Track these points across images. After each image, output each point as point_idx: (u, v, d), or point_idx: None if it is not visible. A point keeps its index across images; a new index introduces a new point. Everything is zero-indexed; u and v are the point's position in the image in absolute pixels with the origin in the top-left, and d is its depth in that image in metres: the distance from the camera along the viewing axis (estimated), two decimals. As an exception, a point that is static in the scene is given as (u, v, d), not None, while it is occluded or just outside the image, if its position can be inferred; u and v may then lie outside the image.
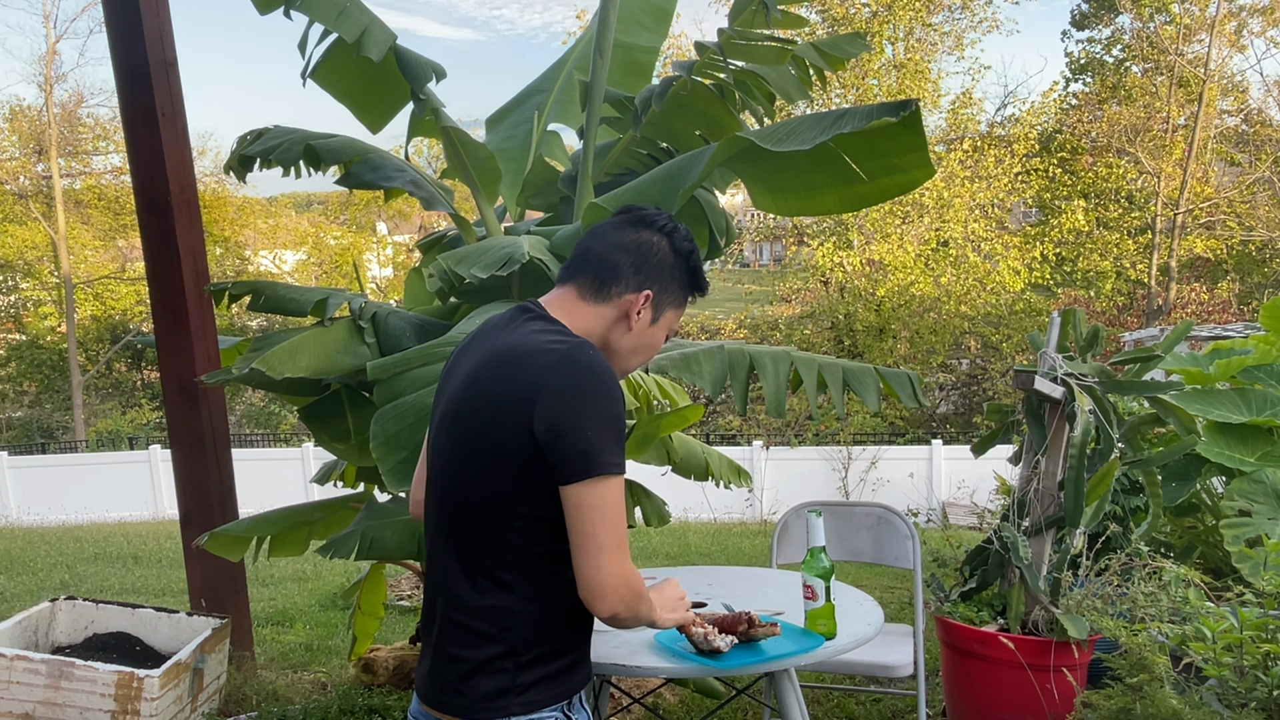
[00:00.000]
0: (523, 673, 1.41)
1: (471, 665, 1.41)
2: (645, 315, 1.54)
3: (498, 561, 1.40)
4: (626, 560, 1.36)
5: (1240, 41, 20.83)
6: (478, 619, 1.42)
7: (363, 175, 3.18)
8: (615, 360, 1.55)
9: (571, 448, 1.33)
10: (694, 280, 1.61)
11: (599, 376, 1.38)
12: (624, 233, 1.56)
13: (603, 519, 1.34)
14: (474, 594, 1.42)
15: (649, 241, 1.56)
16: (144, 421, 22.14)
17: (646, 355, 1.59)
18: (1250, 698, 2.48)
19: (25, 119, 24.22)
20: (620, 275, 1.52)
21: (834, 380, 3.16)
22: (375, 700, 3.59)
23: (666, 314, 1.58)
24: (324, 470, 3.61)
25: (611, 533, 1.34)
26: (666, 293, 1.57)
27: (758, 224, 23.31)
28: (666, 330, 1.59)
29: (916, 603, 3.20)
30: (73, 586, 6.44)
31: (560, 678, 1.46)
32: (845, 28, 19.35)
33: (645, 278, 1.54)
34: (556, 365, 1.37)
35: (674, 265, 1.57)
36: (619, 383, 1.41)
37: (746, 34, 2.95)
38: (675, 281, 1.58)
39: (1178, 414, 3.48)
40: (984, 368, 20.48)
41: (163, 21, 3.72)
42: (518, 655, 1.41)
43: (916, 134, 2.31)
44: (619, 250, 1.54)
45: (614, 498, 1.35)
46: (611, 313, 1.53)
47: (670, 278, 1.57)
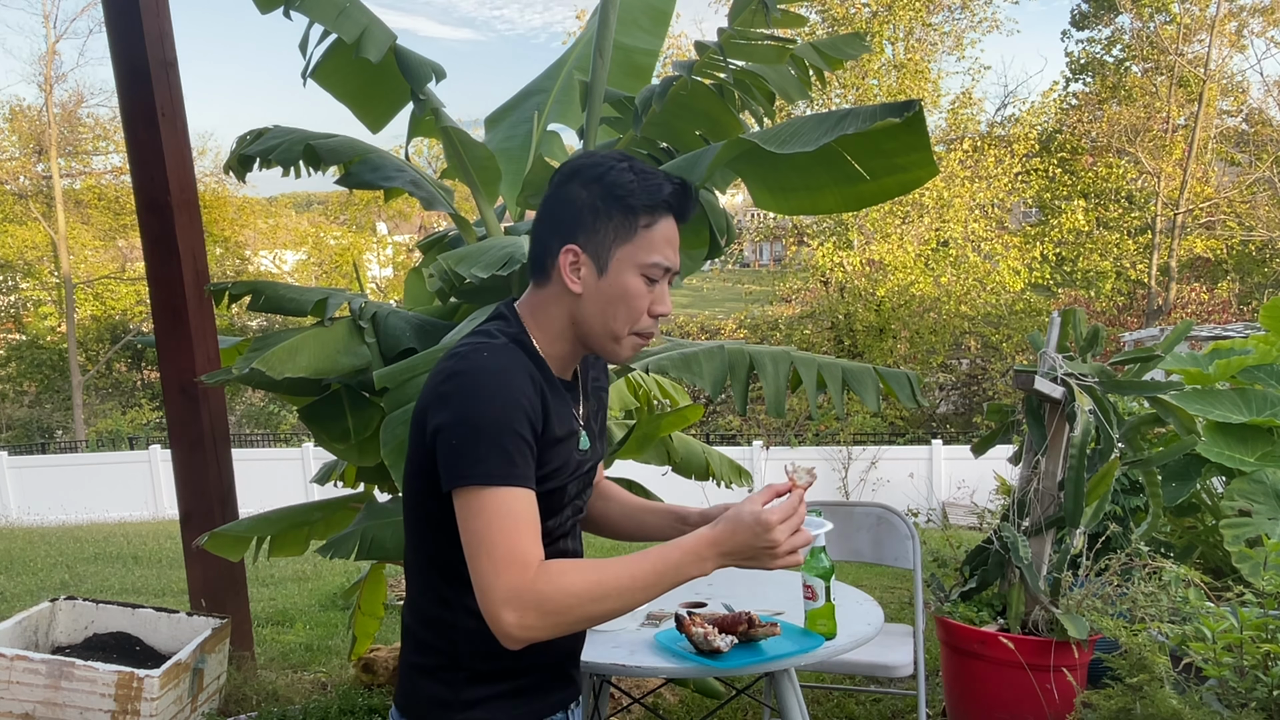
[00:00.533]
0: (464, 688, 1.34)
1: (417, 670, 1.37)
2: (584, 271, 1.34)
3: (434, 570, 1.35)
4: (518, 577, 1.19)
5: (1240, 41, 20.84)
6: (421, 625, 1.38)
7: (363, 175, 3.17)
8: (593, 331, 1.36)
9: (444, 456, 1.24)
10: (627, 200, 1.33)
11: (474, 380, 1.26)
12: (543, 202, 1.40)
13: (480, 531, 1.21)
14: (419, 598, 1.38)
15: (558, 194, 1.36)
16: (144, 421, 22.14)
17: (630, 311, 1.35)
18: (1250, 698, 2.48)
19: (25, 119, 24.23)
20: (545, 244, 1.36)
21: (834, 380, 3.16)
22: (375, 700, 3.59)
23: (616, 254, 1.33)
24: (324, 470, 3.61)
25: (490, 547, 1.20)
26: (599, 233, 1.33)
27: (758, 224, 23.32)
28: (636, 271, 1.34)
29: (916, 603, 3.20)
30: (73, 586, 6.44)
31: (514, 700, 1.37)
32: (845, 28, 19.35)
33: (565, 233, 1.34)
34: (441, 370, 1.29)
35: (591, 201, 1.33)
36: (514, 382, 1.27)
37: (746, 34, 2.95)
38: (603, 216, 1.33)
39: (1178, 414, 3.48)
40: (984, 368, 20.48)
41: (163, 21, 3.72)
42: (457, 669, 1.34)
43: (920, 134, 2.31)
44: (539, 220, 1.39)
45: (476, 512, 1.21)
46: (559, 289, 1.35)
47: (593, 215, 1.33)
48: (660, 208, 1.35)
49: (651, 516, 1.64)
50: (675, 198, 1.36)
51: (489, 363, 1.28)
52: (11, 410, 24.43)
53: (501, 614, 1.19)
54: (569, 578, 1.21)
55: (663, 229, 1.35)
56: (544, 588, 1.20)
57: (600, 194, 1.34)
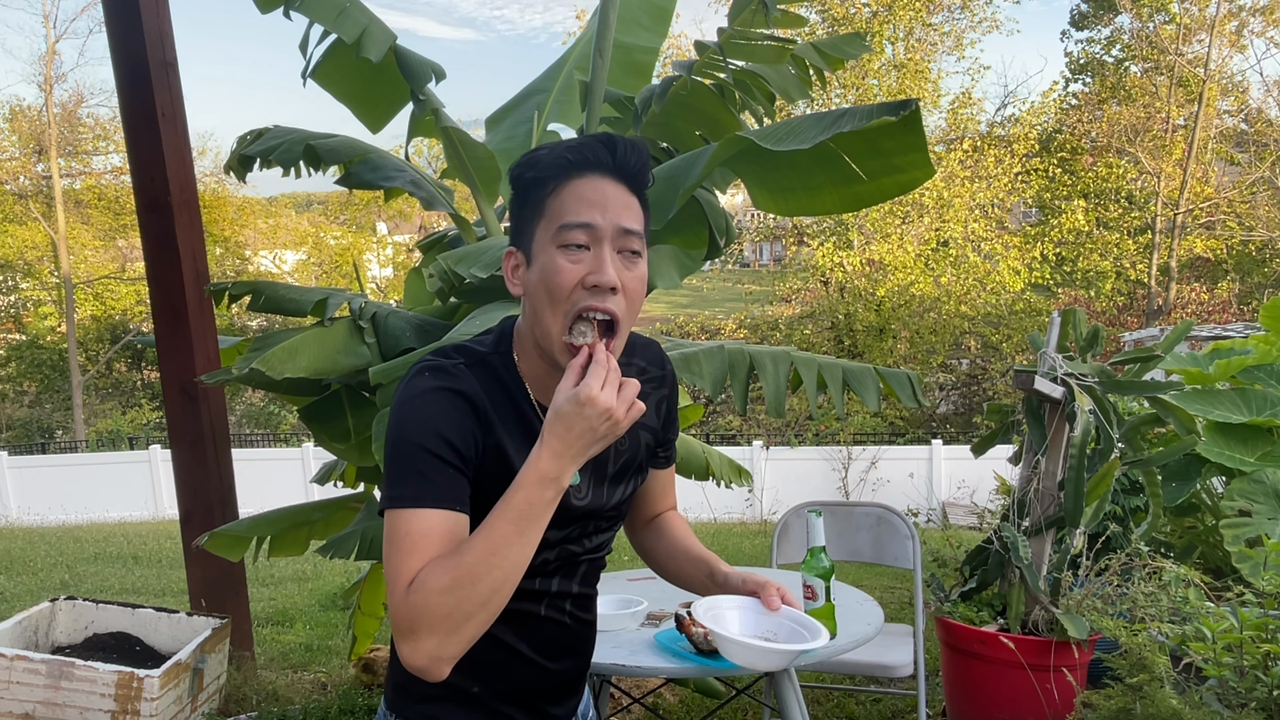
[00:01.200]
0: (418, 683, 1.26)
1: (393, 655, 1.35)
2: (520, 270, 1.24)
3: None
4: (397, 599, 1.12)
5: (1240, 41, 20.84)
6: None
7: (363, 175, 3.18)
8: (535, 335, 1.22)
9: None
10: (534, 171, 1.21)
11: (402, 403, 1.19)
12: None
13: (386, 557, 1.14)
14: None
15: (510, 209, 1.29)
16: (144, 421, 22.15)
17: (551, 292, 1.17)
18: (1250, 698, 2.48)
19: (25, 119, 24.24)
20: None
21: (834, 380, 3.16)
22: (375, 700, 3.59)
23: (537, 235, 1.20)
24: (324, 470, 3.61)
25: (387, 575, 1.13)
26: (523, 224, 1.23)
27: (758, 224, 23.31)
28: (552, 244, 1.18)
29: (916, 603, 3.20)
30: (73, 586, 6.44)
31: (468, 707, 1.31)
32: (845, 28, 19.36)
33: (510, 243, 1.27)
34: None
35: (517, 194, 1.24)
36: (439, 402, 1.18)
37: (746, 34, 2.95)
38: (522, 204, 1.23)
39: (1178, 414, 3.48)
40: (984, 368, 20.48)
41: (163, 21, 3.72)
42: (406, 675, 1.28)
43: (916, 134, 2.31)
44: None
45: (391, 533, 1.14)
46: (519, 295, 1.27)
47: (519, 207, 1.24)
48: (564, 167, 1.19)
49: (688, 566, 1.50)
50: (576, 152, 1.19)
51: (420, 384, 1.19)
52: (11, 410, 24.44)
53: (399, 646, 1.11)
54: (432, 578, 1.10)
55: (575, 188, 1.18)
56: (416, 600, 1.09)
57: (518, 184, 1.23)
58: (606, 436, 1.13)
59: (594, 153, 1.19)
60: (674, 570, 1.53)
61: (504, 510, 1.13)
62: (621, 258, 1.19)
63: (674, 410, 1.47)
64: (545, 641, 1.33)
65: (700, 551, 1.52)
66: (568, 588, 1.35)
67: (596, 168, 1.20)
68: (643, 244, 1.23)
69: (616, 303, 1.18)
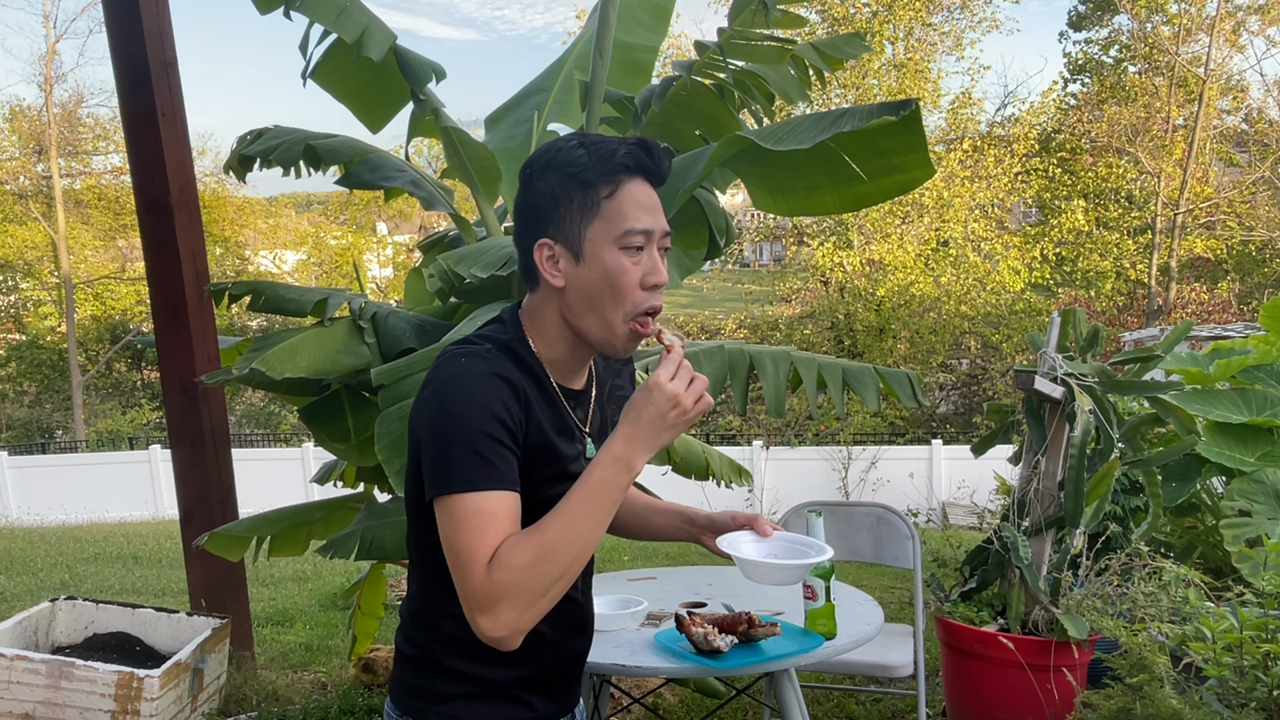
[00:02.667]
0: (440, 683, 1.34)
1: (403, 658, 1.39)
2: (562, 263, 1.29)
3: (427, 572, 1.35)
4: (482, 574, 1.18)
5: (1239, 41, 20.83)
6: (410, 619, 1.39)
7: (363, 175, 3.18)
8: (585, 324, 1.30)
9: (425, 465, 1.24)
10: (577, 171, 1.27)
11: (447, 386, 1.23)
12: (514, 208, 1.36)
13: (451, 539, 1.20)
14: (413, 592, 1.40)
15: (525, 195, 1.32)
16: (144, 421, 22.14)
17: (617, 290, 1.27)
18: (1250, 698, 2.48)
19: (25, 119, 24.22)
20: (524, 249, 1.32)
21: (834, 380, 3.16)
22: (375, 700, 3.59)
23: (588, 234, 1.27)
24: (324, 470, 3.61)
25: (458, 553, 1.19)
26: (564, 218, 1.28)
27: (758, 224, 23.31)
28: (613, 246, 1.27)
29: (916, 603, 3.20)
30: (73, 586, 6.44)
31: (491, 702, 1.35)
32: (845, 28, 19.35)
33: (534, 231, 1.30)
34: (426, 377, 1.28)
35: (548, 188, 1.28)
36: (486, 387, 1.23)
37: (746, 34, 2.95)
38: (562, 199, 1.28)
39: (1178, 414, 3.48)
40: (984, 368, 20.48)
41: (163, 21, 3.72)
42: (439, 666, 1.34)
43: (916, 134, 2.31)
44: (515, 228, 1.35)
45: (448, 519, 1.20)
46: (543, 289, 1.32)
47: (553, 201, 1.28)
48: (618, 171, 1.27)
49: (658, 516, 1.63)
50: (632, 158, 1.28)
51: (464, 368, 1.25)
52: (11, 410, 24.43)
53: (477, 621, 1.19)
54: (515, 554, 1.18)
55: (629, 193, 1.27)
56: (499, 576, 1.17)
57: (556, 179, 1.28)
58: (675, 425, 1.22)
59: (639, 159, 1.29)
60: (643, 525, 1.64)
61: (581, 490, 1.22)
62: (660, 255, 1.33)
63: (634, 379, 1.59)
64: (563, 621, 1.38)
65: (661, 503, 1.65)
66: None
67: (642, 172, 1.30)
68: None
69: (659, 297, 1.32)
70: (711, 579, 2.84)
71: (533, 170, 1.31)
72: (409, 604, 1.41)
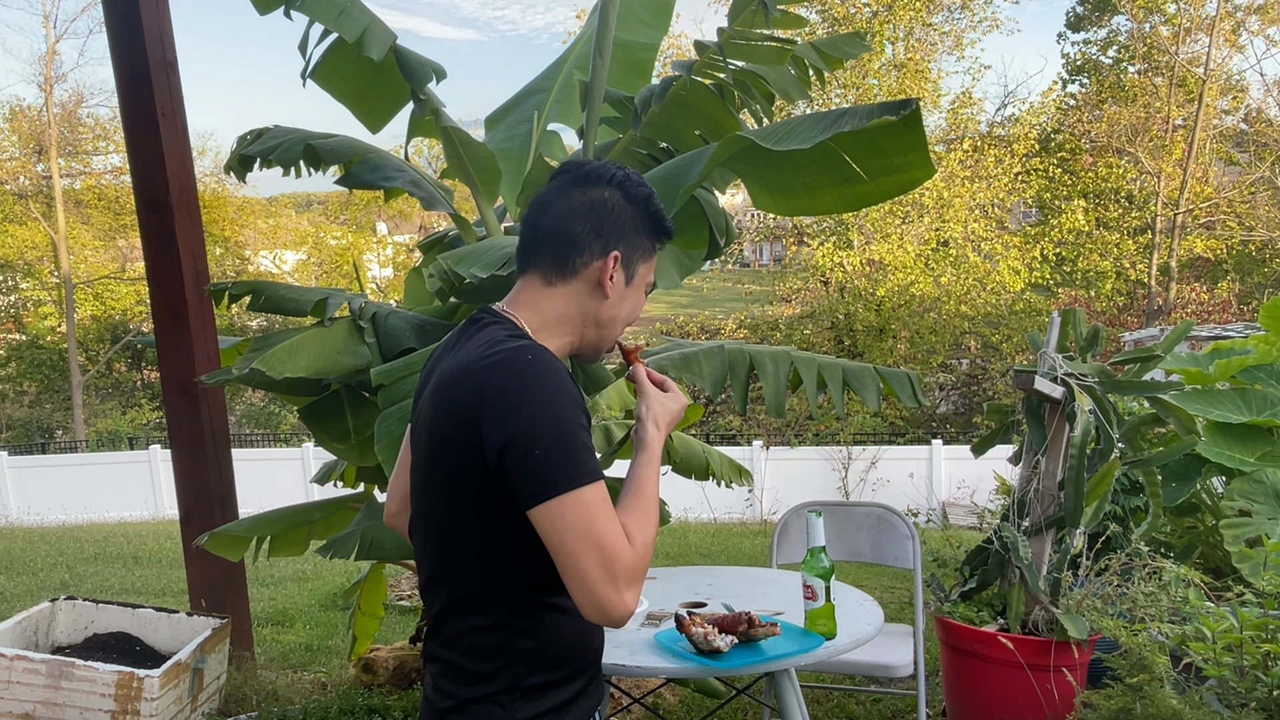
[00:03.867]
0: (519, 708, 1.32)
1: (459, 701, 1.33)
2: (619, 278, 1.40)
3: (479, 592, 1.32)
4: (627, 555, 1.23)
5: (1239, 41, 20.83)
6: (467, 656, 1.34)
7: (363, 175, 3.18)
8: (596, 335, 1.43)
9: (524, 470, 1.23)
10: (657, 226, 1.45)
11: (539, 383, 1.26)
12: (571, 196, 1.39)
13: (574, 539, 1.21)
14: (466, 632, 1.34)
15: (601, 198, 1.39)
16: (144, 421, 22.13)
17: (630, 318, 1.46)
18: (1250, 698, 2.48)
19: (25, 119, 24.22)
20: (581, 244, 1.37)
21: (834, 380, 3.16)
22: (375, 700, 3.59)
23: (639, 269, 1.44)
24: (324, 470, 3.61)
25: (590, 550, 1.21)
26: (634, 247, 1.42)
27: (758, 224, 23.31)
28: (644, 286, 1.47)
29: (916, 603, 3.20)
30: (73, 586, 6.44)
31: (563, 709, 1.36)
32: (845, 27, 19.34)
33: (608, 239, 1.39)
34: (492, 382, 1.26)
35: (634, 216, 1.41)
36: (566, 379, 1.29)
37: (746, 34, 2.95)
38: (639, 233, 1.43)
39: (1178, 414, 3.48)
40: (984, 368, 20.46)
41: (163, 21, 3.72)
42: (512, 690, 1.32)
43: (917, 133, 2.31)
44: (572, 217, 1.38)
45: (581, 513, 1.22)
46: (582, 287, 1.39)
47: (633, 229, 1.42)
48: (665, 235, 1.47)
49: None
50: (670, 233, 1.48)
51: (539, 366, 1.28)
52: (11, 410, 24.43)
53: (624, 599, 1.24)
54: (640, 532, 1.29)
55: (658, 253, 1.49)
56: (643, 552, 1.27)
57: (641, 210, 1.43)
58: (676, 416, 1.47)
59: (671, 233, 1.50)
60: None
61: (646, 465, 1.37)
62: None
63: None
64: None
65: None
66: None
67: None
68: None
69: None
70: (711, 579, 2.84)
71: (623, 185, 1.42)
72: (465, 639, 1.34)
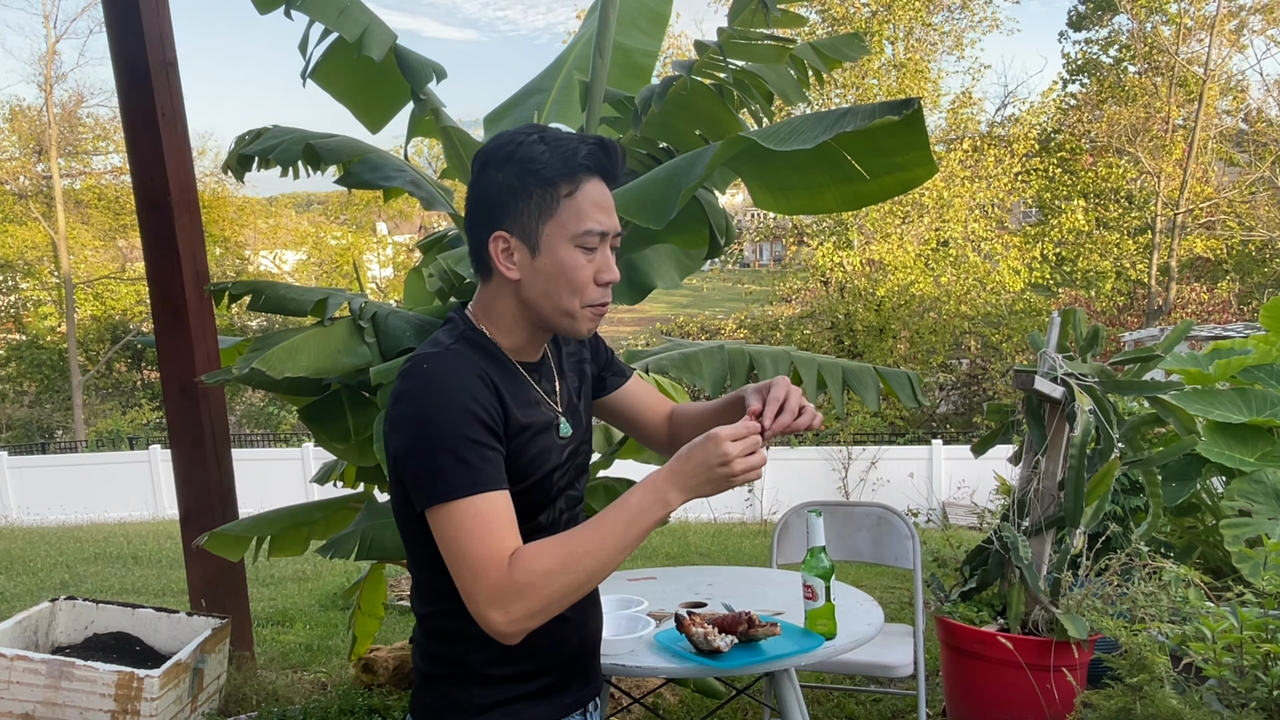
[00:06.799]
0: (478, 692, 1.33)
1: (430, 678, 1.37)
2: (518, 256, 1.30)
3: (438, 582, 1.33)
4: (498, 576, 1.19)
5: (1240, 41, 20.83)
6: (429, 639, 1.38)
7: (362, 175, 3.17)
8: (545, 313, 1.32)
9: (409, 479, 1.24)
10: (545, 170, 1.27)
11: (419, 396, 1.23)
12: (467, 196, 1.36)
13: (452, 542, 1.21)
14: (424, 612, 1.38)
15: (478, 184, 1.32)
16: (144, 421, 22.14)
17: (573, 285, 1.30)
18: (1250, 698, 2.48)
19: (25, 119, 24.23)
20: (477, 238, 1.33)
21: (834, 380, 3.16)
22: (375, 700, 3.59)
23: (545, 230, 1.28)
24: (324, 470, 3.61)
25: (456, 563, 1.21)
26: (523, 214, 1.28)
27: (758, 224, 23.33)
28: (570, 244, 1.29)
29: (916, 603, 3.20)
30: (73, 586, 6.44)
31: (529, 701, 1.36)
32: (845, 27, 19.35)
33: (492, 222, 1.30)
34: (394, 390, 1.27)
35: (508, 183, 1.29)
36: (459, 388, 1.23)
37: (746, 33, 2.95)
38: (522, 195, 1.28)
39: (1178, 414, 3.48)
40: (984, 368, 20.47)
41: (163, 21, 3.72)
42: (468, 674, 1.33)
43: (918, 132, 2.31)
44: (466, 217, 1.35)
45: (446, 526, 1.21)
46: (497, 279, 1.33)
47: (512, 196, 1.29)
48: (579, 172, 1.29)
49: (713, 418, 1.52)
50: (592, 158, 1.30)
51: (430, 374, 1.25)
52: (11, 410, 24.43)
53: (489, 615, 1.20)
54: (540, 559, 1.20)
55: (588, 193, 1.29)
56: (520, 576, 1.19)
57: (515, 173, 1.28)
58: (717, 480, 1.23)
59: (599, 160, 1.31)
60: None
61: (617, 510, 1.24)
62: (612, 252, 1.36)
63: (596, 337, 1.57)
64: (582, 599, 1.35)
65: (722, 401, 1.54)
66: None
67: (600, 172, 1.32)
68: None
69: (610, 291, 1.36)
70: (711, 579, 2.84)
71: (489, 161, 1.31)
72: (426, 624, 1.39)
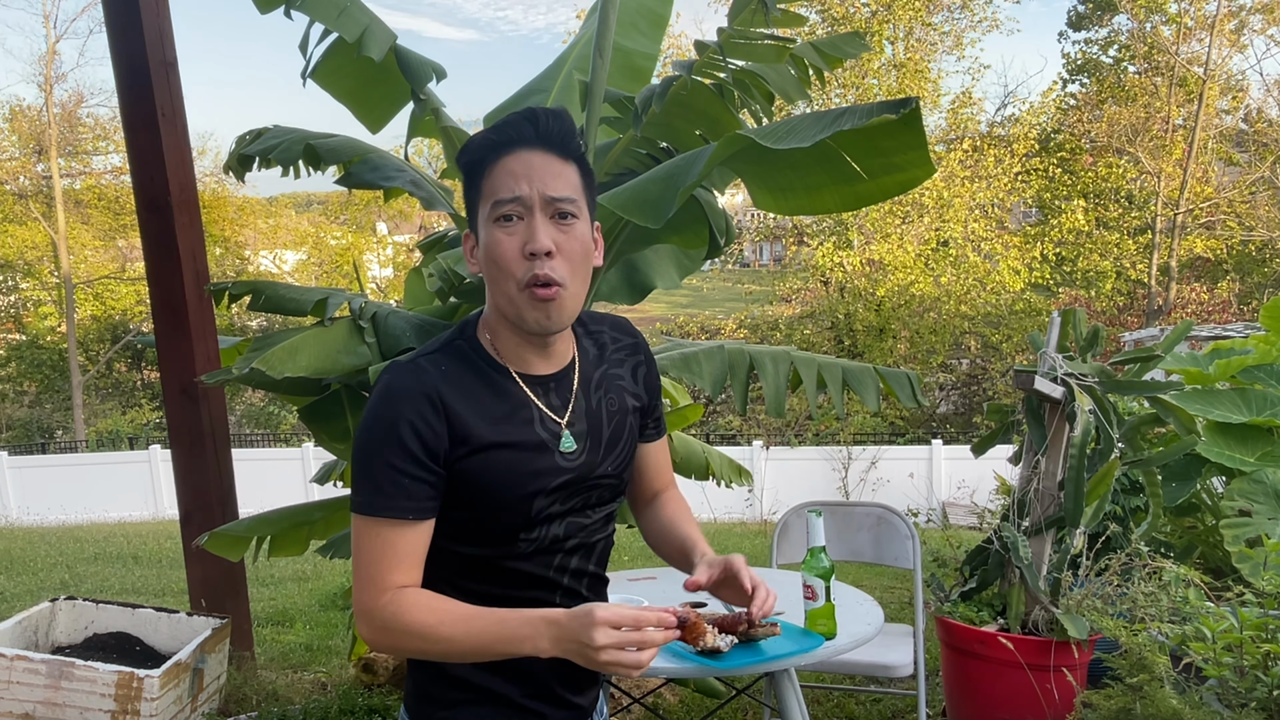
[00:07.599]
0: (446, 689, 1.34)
1: (411, 665, 1.40)
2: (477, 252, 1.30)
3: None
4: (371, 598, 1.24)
5: (1240, 41, 20.83)
6: None
7: (362, 175, 3.18)
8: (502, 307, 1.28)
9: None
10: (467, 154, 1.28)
11: (371, 404, 1.26)
12: None
13: (354, 551, 1.27)
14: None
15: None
16: (144, 421, 22.14)
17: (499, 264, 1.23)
18: (1250, 698, 2.48)
19: (25, 119, 24.23)
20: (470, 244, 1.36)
21: (834, 380, 3.16)
22: (375, 700, 3.59)
23: (480, 215, 1.27)
24: (324, 470, 3.61)
25: (357, 565, 1.26)
26: (471, 206, 1.30)
27: (758, 224, 23.32)
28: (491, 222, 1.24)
29: (916, 603, 3.20)
30: (73, 586, 6.44)
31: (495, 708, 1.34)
32: (845, 27, 19.35)
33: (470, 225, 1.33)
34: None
35: (463, 184, 1.31)
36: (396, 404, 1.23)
37: (746, 33, 2.95)
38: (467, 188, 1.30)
39: (1178, 414, 3.48)
40: (984, 368, 20.47)
41: (163, 21, 3.72)
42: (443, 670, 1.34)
43: (916, 132, 2.31)
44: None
45: (355, 535, 1.26)
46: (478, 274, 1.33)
47: (466, 194, 1.31)
48: (491, 147, 1.25)
49: (668, 546, 1.53)
50: (506, 129, 1.24)
51: (381, 387, 1.27)
52: (11, 410, 24.42)
53: (359, 621, 1.27)
54: (411, 614, 1.22)
55: (504, 165, 1.24)
56: (388, 614, 1.23)
57: (463, 172, 1.30)
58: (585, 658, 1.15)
59: (517, 129, 1.24)
60: (664, 554, 1.57)
61: (498, 622, 1.21)
62: (554, 223, 1.24)
63: (654, 378, 1.49)
64: None
65: (682, 537, 1.51)
66: (584, 567, 1.39)
67: (521, 143, 1.24)
68: (579, 206, 1.26)
69: (555, 266, 1.23)
70: (711, 579, 2.83)
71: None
72: None
